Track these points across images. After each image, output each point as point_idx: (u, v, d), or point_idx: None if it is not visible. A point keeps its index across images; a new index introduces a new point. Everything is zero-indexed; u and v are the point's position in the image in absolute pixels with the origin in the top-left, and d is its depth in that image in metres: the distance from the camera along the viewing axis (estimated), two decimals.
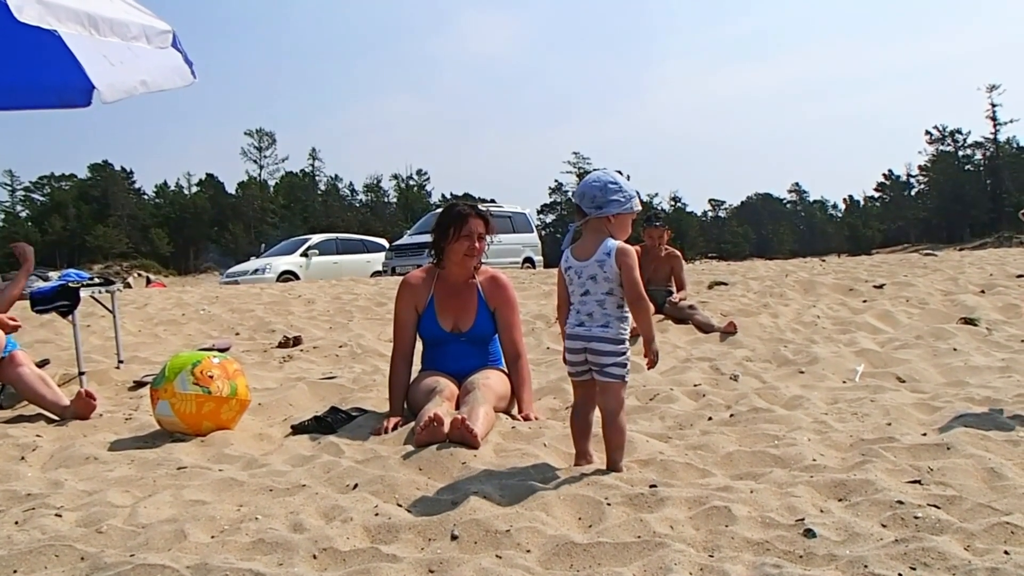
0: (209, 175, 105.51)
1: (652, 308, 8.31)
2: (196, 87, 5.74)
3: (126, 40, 4.74)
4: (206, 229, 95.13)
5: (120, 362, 7.01)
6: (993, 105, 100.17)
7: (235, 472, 3.82)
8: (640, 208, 3.68)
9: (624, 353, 3.57)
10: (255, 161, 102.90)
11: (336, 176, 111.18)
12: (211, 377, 4.50)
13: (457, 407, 4.49)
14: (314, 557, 2.77)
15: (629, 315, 3.64)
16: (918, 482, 3.28)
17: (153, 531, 2.98)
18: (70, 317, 6.23)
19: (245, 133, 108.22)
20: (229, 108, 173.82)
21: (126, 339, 7.99)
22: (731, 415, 4.68)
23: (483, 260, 5.00)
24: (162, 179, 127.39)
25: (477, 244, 4.84)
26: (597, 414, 3.69)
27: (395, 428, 4.48)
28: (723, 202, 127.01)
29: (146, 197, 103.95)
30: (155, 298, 12.74)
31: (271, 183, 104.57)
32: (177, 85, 5.58)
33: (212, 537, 2.97)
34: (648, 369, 3.66)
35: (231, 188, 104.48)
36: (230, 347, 7.77)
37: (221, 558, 2.73)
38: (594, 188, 3.59)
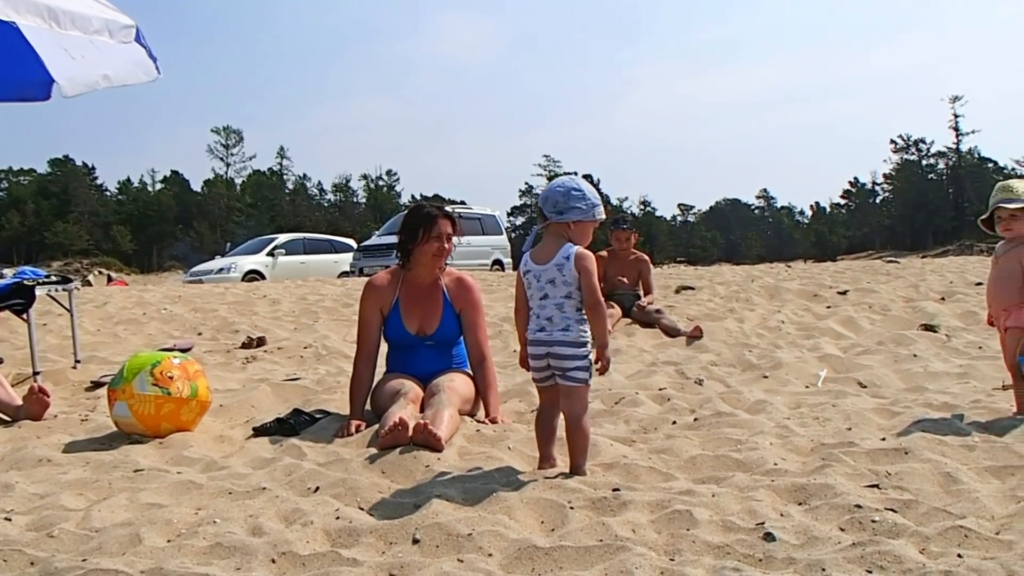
0: (174, 172, 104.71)
1: (618, 312, 8.36)
2: (162, 82, 5.69)
3: (88, 34, 4.69)
4: (170, 227, 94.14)
5: (77, 362, 6.91)
6: (956, 116, 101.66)
7: (194, 475, 3.78)
8: (604, 217, 3.68)
9: (586, 356, 3.57)
10: (222, 159, 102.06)
11: (304, 175, 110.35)
12: (171, 378, 4.44)
13: (422, 410, 4.47)
14: (273, 561, 2.74)
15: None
16: (876, 486, 3.31)
17: (107, 535, 2.93)
18: (25, 315, 6.12)
19: (212, 130, 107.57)
20: (195, 105, 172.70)
21: (84, 338, 7.88)
22: (695, 419, 4.70)
23: (451, 262, 4.98)
24: (125, 175, 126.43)
25: (446, 245, 4.82)
26: (562, 418, 3.69)
27: (357, 431, 4.45)
28: (692, 207, 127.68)
29: (108, 194, 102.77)
30: (115, 296, 12.58)
31: (238, 181, 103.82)
32: (141, 80, 5.52)
33: (168, 541, 2.94)
34: (600, 375, 3.64)
35: (197, 186, 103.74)
36: (192, 347, 7.69)
37: (177, 562, 2.70)
38: (557, 193, 3.59)
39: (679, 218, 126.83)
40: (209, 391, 4.72)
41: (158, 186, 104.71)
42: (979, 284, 11.00)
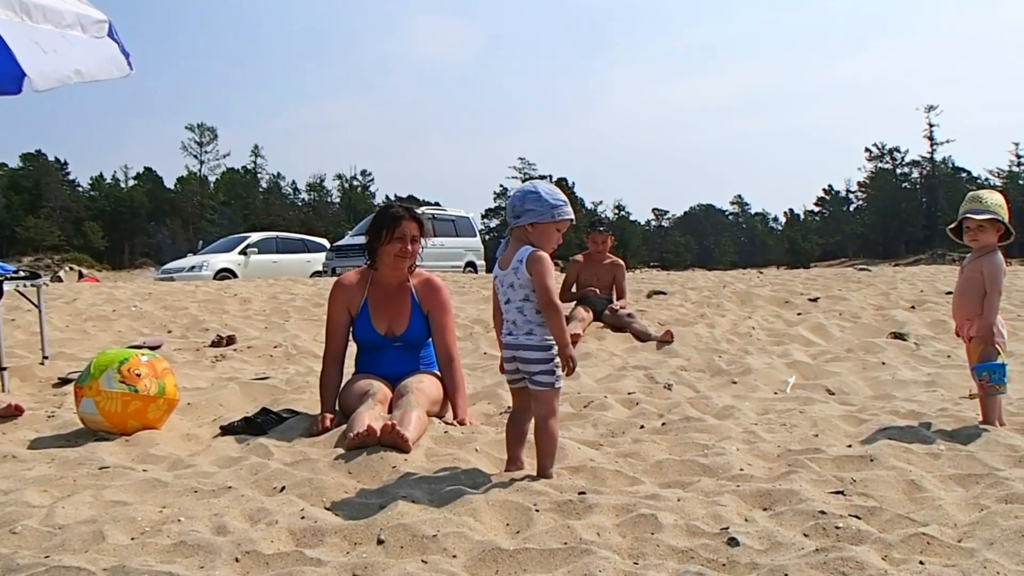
0: (147, 169, 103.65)
1: (590, 316, 8.37)
2: (136, 78, 5.65)
3: (60, 28, 4.65)
4: (143, 224, 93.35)
5: (45, 358, 6.85)
6: (931, 125, 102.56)
7: (159, 473, 3.76)
8: (567, 218, 3.63)
9: (552, 360, 3.57)
10: (195, 156, 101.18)
11: (278, 174, 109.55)
12: (138, 375, 4.42)
13: (390, 411, 4.46)
14: (236, 560, 2.73)
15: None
16: (841, 493, 3.33)
17: (70, 532, 2.91)
18: None
19: (186, 127, 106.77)
20: (169, 101, 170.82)
21: (52, 334, 7.82)
22: (663, 424, 4.71)
23: (423, 263, 4.98)
24: (98, 171, 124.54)
25: (410, 247, 4.81)
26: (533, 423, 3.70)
27: (331, 423, 4.50)
28: (666, 212, 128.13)
29: (80, 189, 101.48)
30: (85, 293, 12.48)
31: (211, 179, 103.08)
32: (113, 76, 5.47)
33: (132, 539, 2.92)
34: (566, 376, 3.63)
35: (170, 183, 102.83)
36: (161, 345, 7.64)
37: (140, 560, 2.68)
38: (515, 198, 3.63)
39: (653, 223, 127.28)
40: (177, 389, 4.70)
41: (131, 183, 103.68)
42: (949, 293, 11.10)
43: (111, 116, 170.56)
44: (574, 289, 9.09)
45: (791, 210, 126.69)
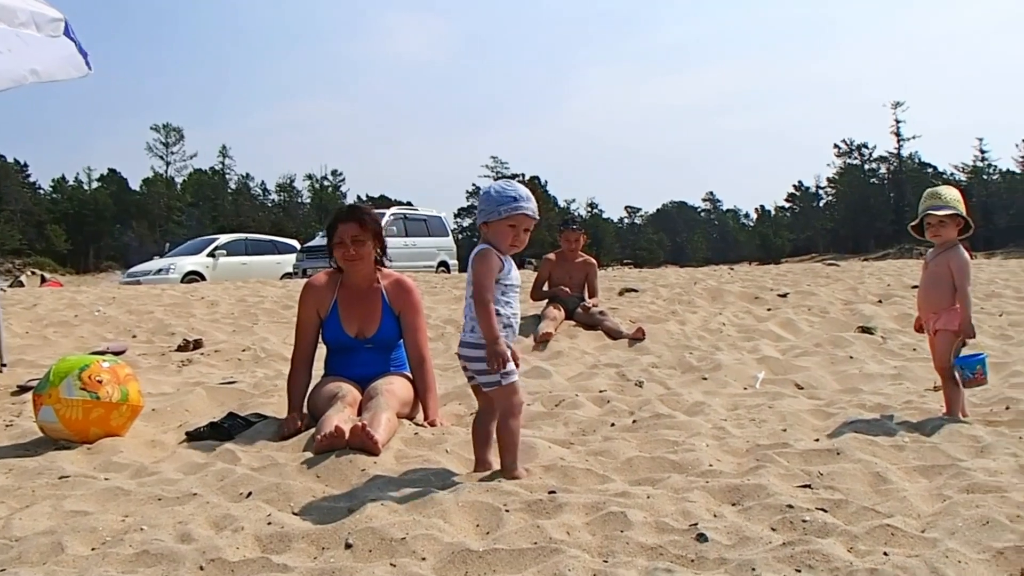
0: (111, 170, 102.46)
1: (562, 314, 8.36)
2: (98, 77, 5.63)
3: (14, 27, 4.57)
4: (107, 227, 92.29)
5: (3, 365, 6.72)
6: (897, 121, 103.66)
7: (122, 481, 3.70)
8: (519, 213, 3.58)
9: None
10: (161, 157, 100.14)
11: (247, 175, 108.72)
12: (100, 382, 4.34)
13: (359, 413, 4.42)
14: (201, 568, 2.69)
15: (506, 319, 3.63)
16: (808, 486, 3.35)
17: (28, 544, 2.86)
18: None
19: (151, 128, 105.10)
20: (134, 101, 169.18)
21: (12, 341, 7.70)
22: (634, 421, 4.72)
23: (397, 263, 4.94)
24: (60, 173, 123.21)
25: (352, 249, 4.75)
26: None
27: (301, 423, 4.48)
28: (639, 209, 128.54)
29: (42, 192, 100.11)
30: (46, 298, 12.29)
31: (178, 180, 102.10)
32: (71, 76, 5.38)
33: (92, 549, 2.87)
34: (495, 371, 3.53)
35: (135, 184, 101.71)
36: (125, 350, 7.54)
37: (100, 571, 2.65)
38: (479, 201, 3.68)
39: (626, 220, 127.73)
40: (141, 395, 4.64)
41: (95, 184, 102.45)
42: (915, 287, 11.17)
43: (72, 116, 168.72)
44: (546, 287, 9.08)
45: (762, 206, 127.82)
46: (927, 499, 3.22)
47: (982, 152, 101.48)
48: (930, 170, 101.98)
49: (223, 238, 26.26)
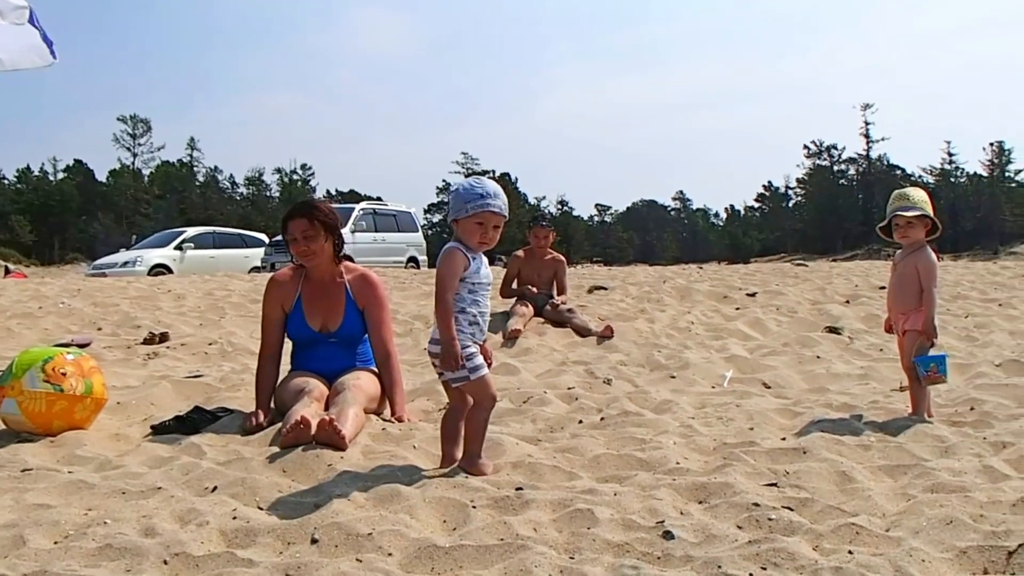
0: (78, 161, 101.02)
1: (530, 312, 8.36)
2: (64, 68, 5.58)
3: None
4: (73, 218, 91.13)
5: None
6: (867, 123, 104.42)
7: (86, 474, 3.66)
8: (487, 211, 3.56)
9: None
10: (128, 149, 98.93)
11: (216, 167, 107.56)
12: (64, 374, 4.29)
13: (327, 408, 4.41)
14: (165, 563, 2.67)
15: (473, 316, 3.64)
16: (774, 485, 3.38)
17: None
18: None
19: (118, 119, 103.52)
20: (100, 92, 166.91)
21: None
22: (601, 418, 4.72)
23: (365, 259, 4.92)
24: (24, 163, 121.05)
25: (303, 246, 4.72)
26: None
27: (264, 418, 4.44)
28: (609, 207, 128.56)
29: (6, 182, 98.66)
30: (10, 289, 12.13)
31: (146, 172, 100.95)
32: (36, 65, 5.30)
33: (55, 543, 2.84)
34: (452, 371, 3.54)
35: (102, 176, 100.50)
36: (90, 343, 7.46)
37: (63, 565, 2.61)
38: (449, 195, 3.67)
39: (596, 218, 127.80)
40: (105, 388, 4.59)
41: (60, 175, 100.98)
42: (882, 288, 11.31)
43: (37, 107, 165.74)
44: (515, 285, 9.08)
45: (732, 206, 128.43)
46: (892, 498, 3.25)
47: (950, 155, 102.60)
48: (898, 172, 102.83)
49: (191, 231, 26.02)
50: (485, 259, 3.71)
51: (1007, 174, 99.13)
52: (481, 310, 3.65)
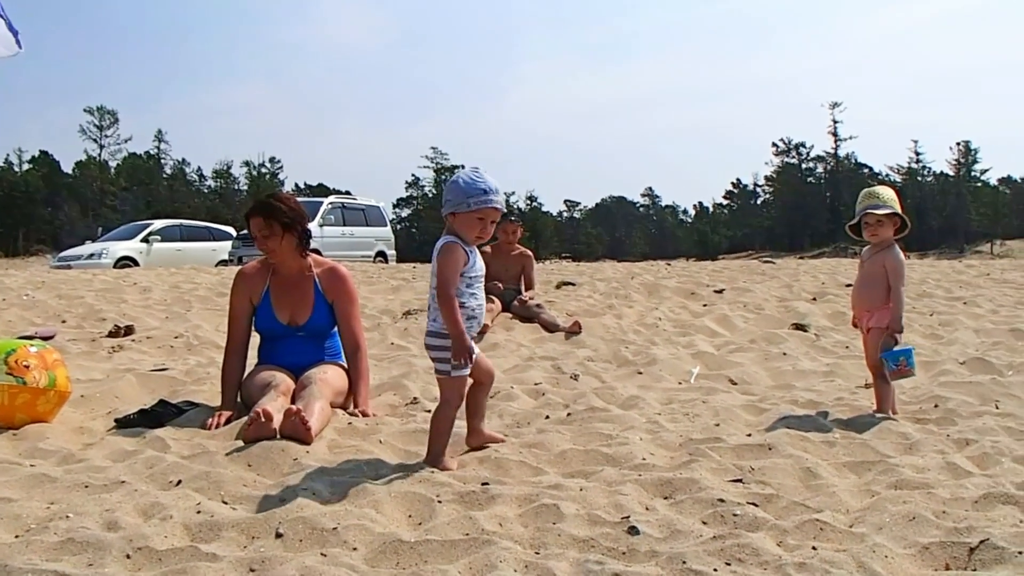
0: (43, 152, 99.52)
1: (498, 307, 8.36)
2: (30, 57, 5.46)
3: None
4: (38, 210, 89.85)
5: None
6: (835, 121, 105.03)
7: (48, 468, 3.62)
8: (488, 207, 3.56)
9: (446, 348, 3.57)
10: (95, 140, 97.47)
11: (183, 160, 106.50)
12: (27, 367, 4.24)
13: (293, 402, 4.37)
14: (127, 557, 2.64)
15: (471, 310, 3.64)
16: (740, 481, 3.40)
17: None
18: None
19: (85, 110, 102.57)
20: (67, 83, 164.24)
21: None
22: (568, 414, 4.73)
23: (334, 253, 4.90)
24: None
25: (263, 244, 4.70)
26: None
27: (226, 422, 4.35)
28: (578, 203, 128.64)
29: None
30: None
31: (112, 164, 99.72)
32: (1, 55, 5.22)
33: (16, 537, 2.81)
34: (462, 366, 3.58)
35: (67, 167, 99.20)
36: (54, 335, 7.37)
37: (24, 559, 2.58)
38: (445, 189, 3.63)
39: (565, 214, 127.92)
40: (69, 381, 4.54)
41: (25, 166, 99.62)
42: (849, 285, 11.41)
43: (2, 97, 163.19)
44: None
45: (700, 203, 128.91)
46: (856, 494, 3.28)
47: (917, 154, 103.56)
48: (866, 171, 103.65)
49: (157, 223, 25.83)
50: (478, 251, 3.71)
51: (973, 173, 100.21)
52: (479, 303, 3.68)
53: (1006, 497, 3.12)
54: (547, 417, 4.66)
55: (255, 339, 4.94)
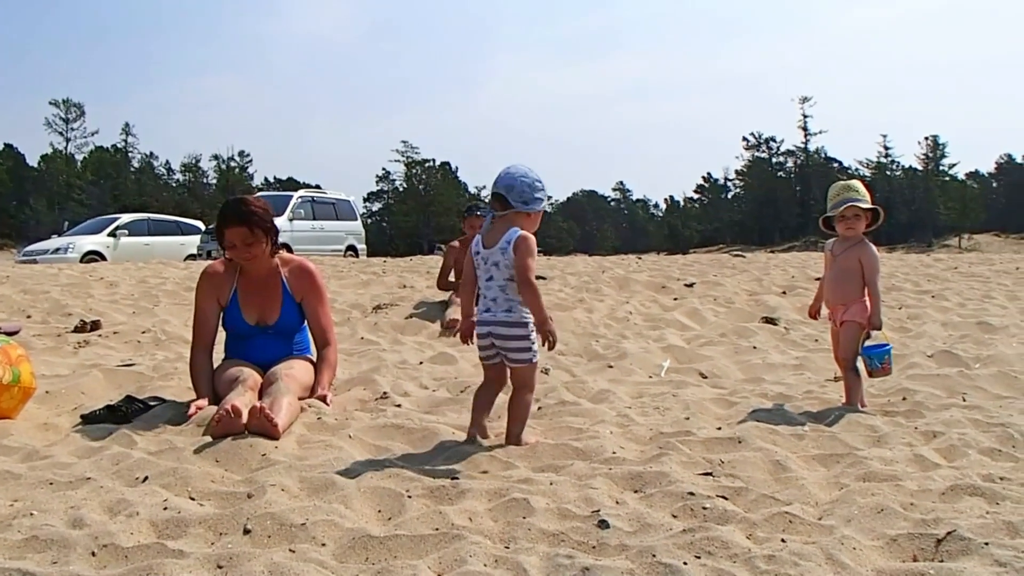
0: (7, 146, 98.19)
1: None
2: None
3: None
4: (3, 203, 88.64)
5: None
6: (805, 116, 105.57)
7: (12, 464, 3.57)
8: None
9: (528, 336, 3.80)
10: (61, 133, 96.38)
11: (151, 153, 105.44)
12: None
13: (260, 397, 4.34)
14: (93, 554, 2.62)
15: None
16: (709, 474, 3.41)
17: None
18: None
19: (50, 103, 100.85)
20: (31, 75, 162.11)
21: None
22: (539, 408, 4.72)
23: (304, 247, 4.87)
24: None
25: (246, 252, 4.65)
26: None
27: (208, 403, 4.37)
28: (550, 197, 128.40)
29: None
30: None
31: (79, 158, 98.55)
32: None
33: None
34: (549, 349, 3.89)
35: (33, 161, 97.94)
36: (19, 330, 7.27)
37: None
38: (523, 184, 3.87)
39: None
40: (33, 377, 4.48)
41: None
42: (819, 279, 11.50)
43: None
44: (452, 277, 9.01)
45: (671, 197, 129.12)
46: (825, 487, 3.30)
47: (886, 148, 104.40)
48: (836, 165, 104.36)
49: (125, 217, 25.51)
50: None
51: (941, 168, 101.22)
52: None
53: (972, 489, 3.16)
54: None
55: (221, 334, 4.89)
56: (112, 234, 23.59)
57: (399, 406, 4.73)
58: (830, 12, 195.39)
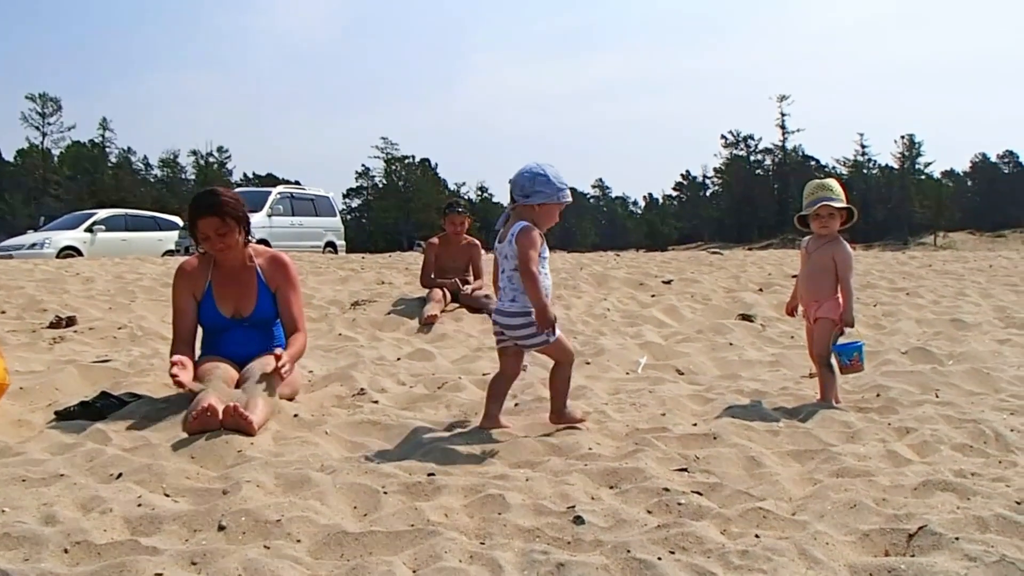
0: None
1: (446, 297, 8.33)
2: None
3: None
4: None
5: None
6: (783, 114, 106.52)
7: None
8: (569, 200, 4.08)
9: (531, 324, 3.92)
10: (37, 128, 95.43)
11: (129, 148, 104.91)
12: None
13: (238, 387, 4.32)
14: (65, 551, 2.60)
15: (546, 289, 3.96)
16: (685, 470, 3.43)
17: None
18: None
19: (26, 97, 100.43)
20: (8, 69, 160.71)
21: None
22: (516, 404, 4.72)
23: (283, 243, 4.85)
24: None
25: (220, 243, 4.62)
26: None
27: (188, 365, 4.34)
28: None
29: None
30: None
31: (55, 152, 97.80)
32: None
33: None
34: (545, 333, 3.94)
35: (9, 155, 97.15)
36: None
37: None
38: (524, 178, 3.99)
39: None
40: (7, 373, 4.44)
41: None
42: (795, 276, 11.56)
43: None
44: (433, 274, 8.99)
45: (650, 194, 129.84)
46: (799, 483, 3.33)
47: (863, 147, 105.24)
48: (813, 163, 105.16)
49: (102, 213, 25.32)
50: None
51: (917, 166, 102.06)
52: (550, 281, 4.07)
53: (944, 484, 3.19)
54: None
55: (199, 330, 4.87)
56: (89, 230, 23.40)
57: (376, 402, 4.72)
58: (807, 11, 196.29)
